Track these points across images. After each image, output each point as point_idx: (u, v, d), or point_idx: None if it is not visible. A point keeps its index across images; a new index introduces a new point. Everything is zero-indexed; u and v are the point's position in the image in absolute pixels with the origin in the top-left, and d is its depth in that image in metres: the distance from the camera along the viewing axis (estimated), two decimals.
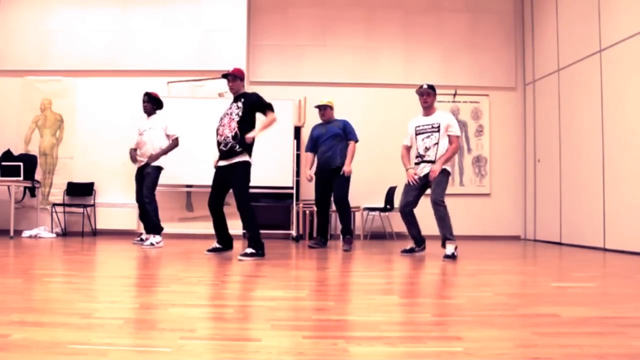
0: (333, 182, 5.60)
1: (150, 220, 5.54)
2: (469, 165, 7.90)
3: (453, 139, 4.76)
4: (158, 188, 5.81)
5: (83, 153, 7.31)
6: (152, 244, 5.44)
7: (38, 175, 7.20)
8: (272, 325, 1.99)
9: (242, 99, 4.60)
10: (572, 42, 6.75)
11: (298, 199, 7.14)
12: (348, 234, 5.64)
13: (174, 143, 5.74)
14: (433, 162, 4.75)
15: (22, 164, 6.74)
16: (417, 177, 4.82)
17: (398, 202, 5.44)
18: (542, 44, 7.54)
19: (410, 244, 5.04)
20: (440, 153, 4.74)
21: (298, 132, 7.36)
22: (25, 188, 7.05)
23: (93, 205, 7.15)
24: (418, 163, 4.86)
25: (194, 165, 6.66)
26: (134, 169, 5.99)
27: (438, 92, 7.58)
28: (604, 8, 6.05)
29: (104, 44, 7.41)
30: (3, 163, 6.80)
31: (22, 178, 6.69)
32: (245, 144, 4.45)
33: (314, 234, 6.73)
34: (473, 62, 7.98)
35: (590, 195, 6.26)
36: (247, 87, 7.42)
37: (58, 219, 7.12)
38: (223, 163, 4.57)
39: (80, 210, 7.08)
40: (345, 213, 5.61)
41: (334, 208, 5.89)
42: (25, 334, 1.77)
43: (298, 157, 7.22)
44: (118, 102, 7.31)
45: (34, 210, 7.13)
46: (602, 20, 6.09)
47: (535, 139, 7.67)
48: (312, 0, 7.93)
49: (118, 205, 7.13)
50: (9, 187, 6.81)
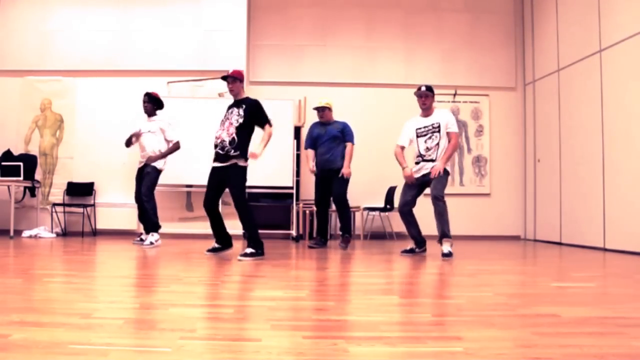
0: (332, 182, 5.61)
1: (149, 219, 5.61)
2: (469, 165, 7.90)
3: (452, 136, 4.80)
4: (158, 188, 5.92)
5: (83, 153, 7.31)
6: (151, 243, 5.52)
7: (38, 175, 7.20)
8: (272, 325, 1.99)
9: (243, 105, 4.59)
10: (572, 42, 6.75)
11: (298, 199, 7.15)
12: (347, 233, 5.66)
13: (174, 147, 5.82)
14: (433, 160, 4.76)
15: (22, 164, 6.74)
16: (416, 175, 4.84)
17: (398, 201, 5.46)
18: (542, 44, 7.54)
19: (411, 244, 5.04)
20: (441, 152, 4.77)
21: (298, 132, 7.36)
22: (25, 188, 7.05)
23: (93, 205, 7.15)
24: (418, 162, 4.88)
25: (194, 165, 6.66)
26: (134, 169, 6.01)
27: (438, 92, 7.67)
28: (604, 8, 6.05)
29: (104, 44, 7.41)
30: (3, 163, 6.80)
31: (22, 178, 6.69)
32: (242, 149, 4.48)
33: (314, 234, 6.73)
34: (473, 62, 7.98)
35: (590, 195, 6.26)
36: (247, 87, 7.45)
37: (58, 219, 7.12)
38: (218, 164, 4.58)
39: (80, 210, 7.08)
40: (345, 212, 5.63)
41: (334, 208, 5.91)
42: (25, 334, 1.77)
43: (298, 157, 7.22)
44: (118, 102, 7.31)
45: (34, 210, 7.13)
46: (602, 20, 6.09)
47: (535, 139, 7.67)
48: (312, 0, 7.93)
49: (118, 205, 7.13)
50: (9, 187, 6.81)
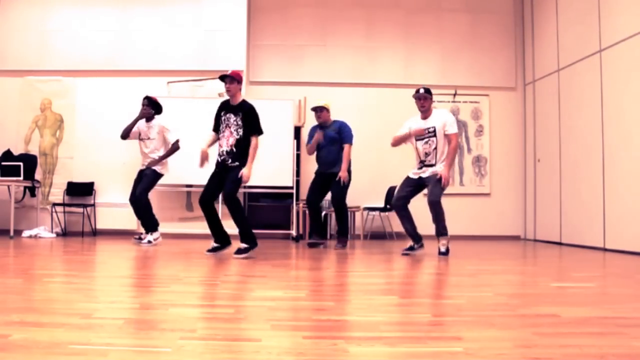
0: (331, 185, 5.60)
1: (146, 219, 5.68)
2: (469, 165, 7.90)
3: (451, 137, 4.79)
4: (158, 188, 5.97)
5: (83, 153, 7.31)
6: (149, 242, 5.60)
7: (38, 175, 7.20)
8: (272, 326, 1.99)
9: (240, 113, 4.63)
10: (572, 42, 6.75)
11: (298, 199, 7.14)
12: (344, 236, 5.67)
13: (174, 147, 5.87)
14: (432, 165, 4.82)
15: (22, 164, 6.74)
16: (416, 177, 4.91)
17: None
18: (542, 44, 7.54)
19: (410, 243, 5.07)
20: (440, 156, 4.80)
21: (298, 132, 7.36)
22: (25, 188, 7.05)
23: (93, 205, 7.15)
24: (420, 167, 4.94)
25: (194, 165, 6.59)
26: (134, 169, 6.01)
27: (438, 92, 7.72)
28: (604, 8, 6.05)
29: (104, 44, 7.41)
30: (3, 163, 6.80)
31: (22, 178, 6.69)
32: (241, 159, 4.56)
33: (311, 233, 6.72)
34: (473, 62, 7.98)
35: (590, 195, 6.25)
36: (247, 87, 7.46)
37: (58, 219, 7.12)
38: (220, 169, 4.72)
39: (80, 210, 7.08)
40: (343, 215, 5.64)
41: (332, 208, 5.90)
42: (25, 334, 1.77)
43: (298, 157, 7.22)
44: (118, 102, 7.30)
45: (34, 210, 7.12)
46: (602, 20, 6.09)
47: (535, 139, 7.67)
48: (312, 0, 7.92)
49: (118, 205, 7.12)
50: (9, 187, 6.81)
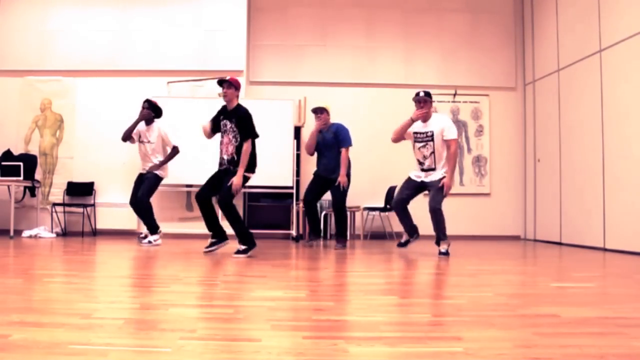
0: (332, 189, 5.65)
1: (147, 222, 5.74)
2: (469, 165, 7.90)
3: (450, 143, 4.82)
4: (158, 188, 5.96)
5: (83, 153, 7.31)
6: (149, 242, 5.65)
7: (38, 175, 7.20)
8: (272, 326, 1.99)
9: (234, 119, 4.64)
10: (572, 42, 6.75)
11: (298, 199, 7.14)
12: (343, 237, 5.72)
13: (174, 152, 5.91)
14: (432, 169, 4.88)
15: (22, 164, 6.73)
16: (418, 180, 4.97)
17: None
18: (542, 44, 7.54)
19: (405, 237, 5.21)
20: (439, 161, 4.86)
21: (298, 132, 7.36)
22: (25, 188, 7.05)
23: (93, 205, 7.15)
24: (421, 170, 4.98)
25: (194, 165, 6.65)
26: (134, 169, 6.02)
27: (438, 92, 7.73)
28: (604, 8, 6.05)
29: (104, 44, 7.41)
30: (3, 163, 6.80)
31: (22, 178, 6.69)
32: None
33: (308, 233, 6.76)
34: (473, 62, 7.97)
35: (590, 195, 6.25)
36: (247, 87, 7.46)
37: (58, 219, 7.12)
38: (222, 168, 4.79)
39: (80, 210, 7.07)
40: (342, 218, 5.70)
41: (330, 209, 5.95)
42: (25, 334, 1.77)
43: (298, 157, 7.22)
44: (118, 102, 7.30)
45: (34, 210, 7.12)
46: (602, 20, 6.09)
47: (535, 139, 7.67)
48: (312, 0, 7.92)
49: (118, 205, 7.12)
50: (9, 186, 6.81)
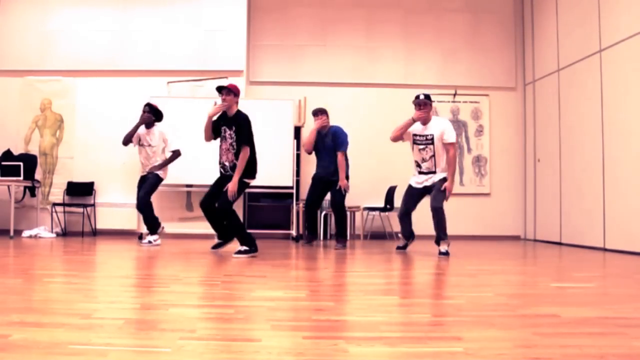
0: (331, 190, 5.70)
1: (147, 222, 5.75)
2: (469, 165, 7.90)
3: (449, 147, 4.88)
4: (159, 188, 5.97)
5: (83, 153, 7.30)
6: (149, 242, 5.67)
7: (38, 175, 7.20)
8: (272, 326, 1.99)
9: (234, 126, 4.65)
10: (572, 42, 6.75)
11: (298, 199, 7.14)
12: (343, 237, 5.77)
13: (174, 155, 5.93)
14: (432, 173, 4.93)
15: (22, 164, 6.73)
16: (418, 186, 5.02)
17: (398, 201, 5.54)
18: (542, 44, 7.53)
19: (402, 241, 5.37)
20: (439, 164, 4.91)
21: (298, 132, 7.36)
22: (25, 188, 7.05)
23: (93, 205, 7.15)
24: (420, 173, 5.01)
25: (194, 165, 6.65)
26: (134, 169, 6.03)
27: (438, 92, 7.73)
28: (604, 8, 6.05)
29: (104, 44, 7.41)
30: (3, 163, 6.79)
31: (22, 178, 6.68)
32: (244, 170, 4.63)
33: (305, 233, 6.81)
34: (473, 62, 7.97)
35: (590, 195, 6.25)
36: (247, 87, 7.46)
37: (58, 219, 7.12)
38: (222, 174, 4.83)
39: (80, 210, 7.07)
40: (342, 218, 5.74)
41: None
42: (25, 335, 1.77)
43: (298, 157, 7.21)
44: (118, 102, 7.30)
45: (34, 210, 7.12)
46: (602, 20, 6.09)
47: (535, 139, 7.67)
48: (312, 0, 7.92)
49: (118, 205, 7.12)
50: (9, 186, 6.81)
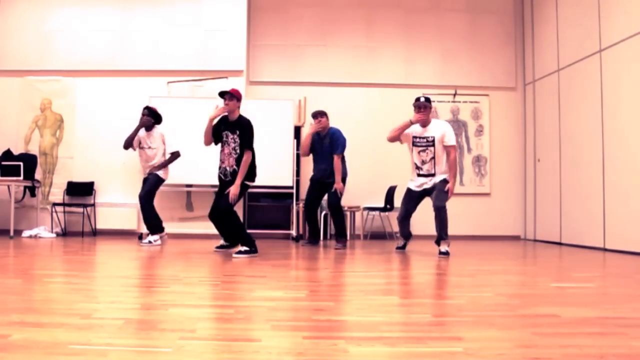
0: (328, 191, 5.73)
1: (148, 222, 5.76)
2: (469, 165, 7.90)
3: (450, 150, 4.90)
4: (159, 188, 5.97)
5: (83, 153, 7.30)
6: (149, 242, 5.69)
7: (38, 175, 7.20)
8: (272, 326, 1.99)
9: (237, 130, 4.66)
10: (572, 42, 6.75)
11: (298, 199, 7.14)
12: (343, 237, 5.78)
13: (174, 156, 5.94)
14: (432, 175, 4.93)
15: (22, 164, 6.73)
16: (417, 189, 5.02)
17: (398, 201, 5.55)
18: (542, 44, 7.53)
19: (402, 241, 5.40)
20: (438, 166, 4.92)
21: (298, 132, 7.35)
22: (25, 188, 7.05)
23: (93, 205, 7.15)
24: (419, 175, 5.02)
25: (194, 165, 6.65)
26: (134, 169, 6.04)
27: (438, 92, 7.74)
28: (604, 8, 6.05)
29: (104, 44, 7.41)
30: (3, 163, 6.79)
31: (22, 178, 6.68)
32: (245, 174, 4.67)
33: (307, 235, 6.82)
34: (473, 62, 7.97)
35: (590, 195, 6.25)
36: (247, 87, 7.46)
37: (58, 219, 7.12)
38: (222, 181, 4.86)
39: (80, 210, 7.07)
40: (339, 219, 5.76)
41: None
42: (25, 335, 1.77)
43: (298, 156, 7.20)
44: (118, 102, 7.30)
45: (34, 210, 7.12)
46: (602, 20, 6.09)
47: (535, 139, 7.67)
48: (312, 0, 7.92)
49: (118, 205, 7.12)
50: (9, 186, 6.81)
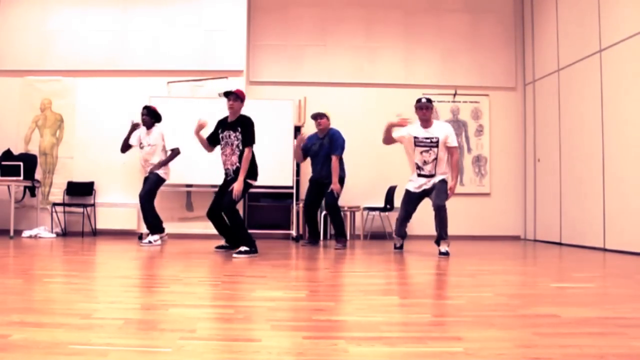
0: (325, 191, 5.75)
1: (147, 222, 5.76)
2: (469, 165, 7.90)
3: (453, 151, 4.96)
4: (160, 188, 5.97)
5: (83, 153, 7.30)
6: (149, 242, 5.69)
7: (38, 175, 7.19)
8: (272, 326, 1.99)
9: (239, 128, 4.70)
10: (572, 42, 6.75)
11: (298, 199, 7.14)
12: (343, 237, 5.78)
13: (174, 154, 5.95)
14: (432, 176, 4.94)
15: (22, 164, 6.73)
16: (417, 190, 5.02)
17: (398, 201, 5.55)
18: (542, 44, 7.53)
19: (399, 242, 5.41)
20: (439, 167, 4.94)
21: (298, 132, 7.33)
22: (25, 188, 7.04)
23: (93, 205, 7.14)
24: (419, 175, 5.02)
25: (194, 165, 6.65)
26: (134, 169, 6.04)
27: (438, 92, 7.73)
28: (604, 8, 6.05)
29: (104, 44, 7.40)
30: (3, 162, 6.79)
31: (22, 178, 6.68)
32: (247, 172, 4.67)
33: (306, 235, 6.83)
34: (473, 62, 7.97)
35: (590, 195, 6.25)
36: (247, 87, 7.46)
37: (58, 219, 7.11)
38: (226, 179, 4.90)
39: (80, 210, 7.07)
40: (337, 219, 5.77)
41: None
42: (26, 335, 1.77)
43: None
44: (118, 102, 7.30)
45: (34, 210, 7.12)
46: (602, 20, 6.09)
47: (535, 139, 7.67)
48: (312, 0, 7.92)
49: (118, 205, 7.12)
50: (9, 186, 6.81)
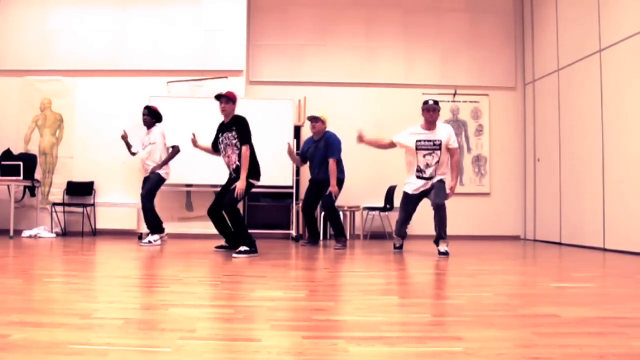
0: (323, 192, 5.77)
1: (147, 221, 5.76)
2: (469, 165, 7.90)
3: (454, 152, 5.01)
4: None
5: (83, 153, 7.30)
6: (150, 242, 5.69)
7: (38, 175, 7.20)
8: (272, 326, 1.99)
9: (234, 127, 4.77)
10: (572, 42, 6.75)
11: (298, 199, 7.14)
12: (342, 237, 5.79)
13: (174, 152, 5.96)
14: (432, 178, 4.96)
15: (22, 164, 6.73)
16: (415, 192, 5.05)
17: (398, 201, 5.55)
18: (542, 44, 7.54)
19: (399, 242, 5.43)
20: (440, 169, 4.98)
21: (298, 132, 7.35)
22: (25, 188, 7.05)
23: (93, 205, 7.14)
24: (419, 178, 5.02)
25: (194, 165, 6.65)
26: (134, 169, 6.04)
27: (438, 92, 7.74)
28: (604, 8, 6.05)
29: (104, 44, 7.41)
30: (3, 162, 6.79)
31: (22, 178, 6.68)
32: (249, 172, 4.70)
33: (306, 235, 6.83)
34: (473, 62, 7.97)
35: (590, 195, 6.25)
36: (247, 87, 7.47)
37: (58, 219, 7.11)
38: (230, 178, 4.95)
39: (80, 210, 7.07)
40: (335, 220, 5.78)
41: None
42: (26, 335, 1.78)
43: (298, 156, 7.21)
44: (118, 102, 7.30)
45: (34, 210, 7.12)
46: (602, 20, 6.09)
47: (535, 139, 7.67)
48: (312, 0, 7.92)
49: (118, 205, 7.12)
50: (9, 186, 6.81)
